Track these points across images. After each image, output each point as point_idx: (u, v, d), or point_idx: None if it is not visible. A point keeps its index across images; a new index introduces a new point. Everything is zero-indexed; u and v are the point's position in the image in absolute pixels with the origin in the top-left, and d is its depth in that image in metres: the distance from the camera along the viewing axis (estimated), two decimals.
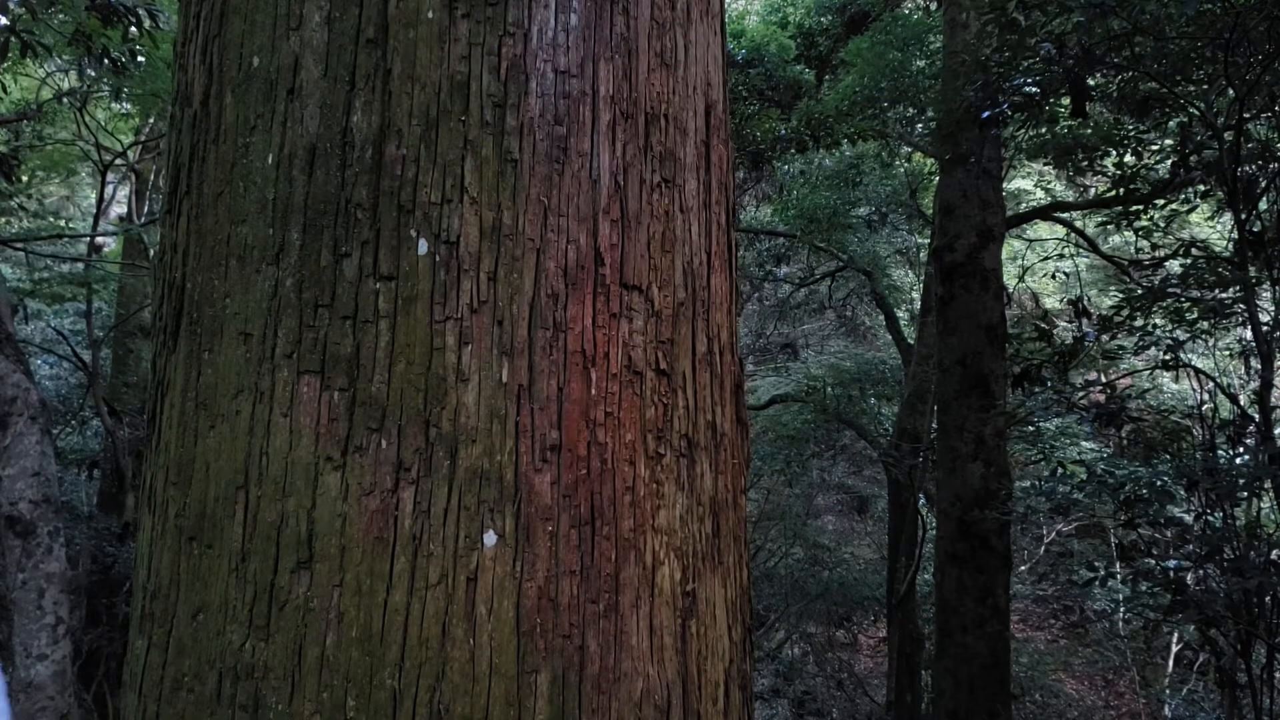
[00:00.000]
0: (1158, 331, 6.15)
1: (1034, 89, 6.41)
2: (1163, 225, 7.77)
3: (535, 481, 2.22)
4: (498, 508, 2.19)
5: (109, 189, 13.19)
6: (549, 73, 2.37)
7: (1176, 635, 11.87)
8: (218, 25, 2.49)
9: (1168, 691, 11.76)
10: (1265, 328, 5.54)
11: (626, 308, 2.40)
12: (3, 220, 13.16)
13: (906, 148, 12.19)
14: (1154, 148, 7.53)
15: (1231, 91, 5.77)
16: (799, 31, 13.10)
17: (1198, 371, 6.55)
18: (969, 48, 7.46)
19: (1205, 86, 6.30)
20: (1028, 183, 14.45)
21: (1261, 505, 5.59)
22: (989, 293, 8.15)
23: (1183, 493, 5.80)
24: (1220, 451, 5.84)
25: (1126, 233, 8.87)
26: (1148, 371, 10.64)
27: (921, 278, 12.85)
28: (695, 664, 2.41)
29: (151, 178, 12.97)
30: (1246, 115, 5.74)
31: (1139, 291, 6.24)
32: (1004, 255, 10.46)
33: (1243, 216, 5.64)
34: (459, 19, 2.34)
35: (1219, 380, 6.94)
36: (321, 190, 2.28)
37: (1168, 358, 6.02)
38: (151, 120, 12.09)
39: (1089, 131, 7.75)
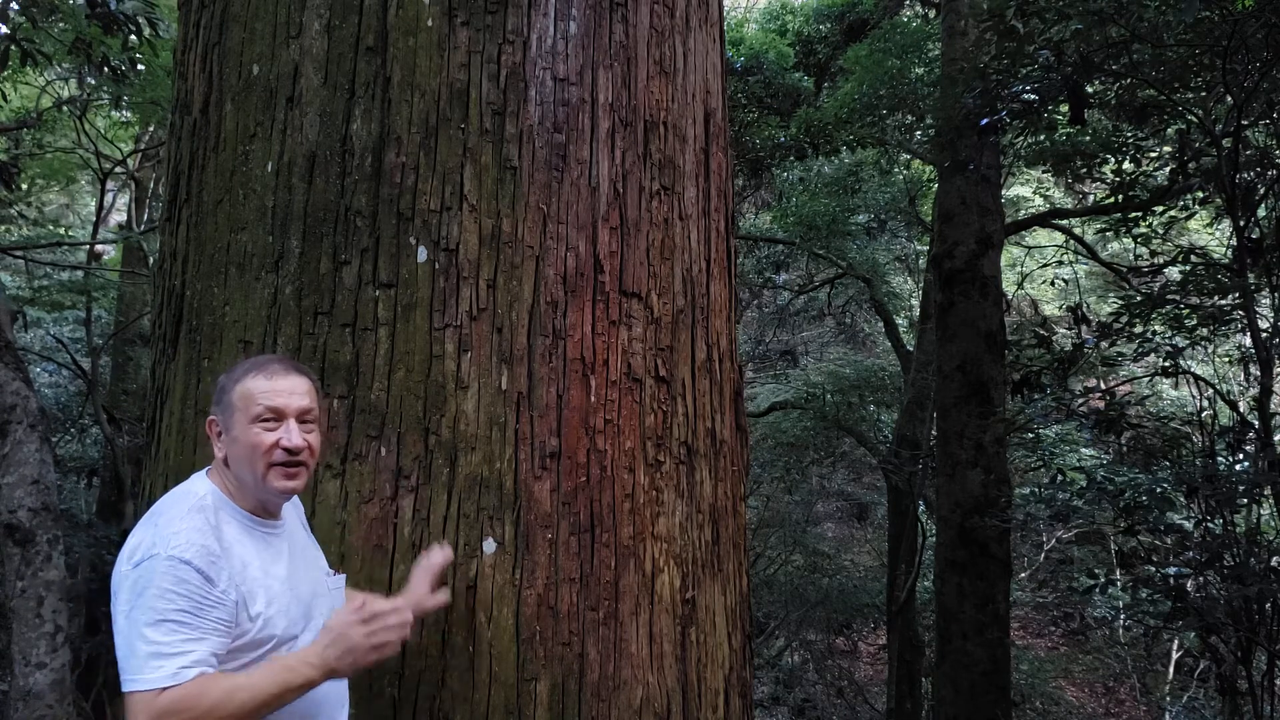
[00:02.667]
0: (1157, 338, 6.15)
1: (1032, 96, 6.42)
2: (1161, 232, 7.77)
3: (535, 489, 2.22)
4: (497, 515, 2.19)
5: (109, 196, 13.20)
6: (548, 80, 2.38)
7: (1177, 642, 11.86)
8: (217, 33, 2.49)
9: (1168, 699, 11.75)
10: (1264, 334, 5.54)
11: (626, 315, 2.40)
12: (2, 228, 13.17)
13: (905, 155, 12.21)
14: (1152, 155, 7.54)
15: (1230, 98, 5.78)
16: (798, 39, 13.13)
17: (1197, 378, 6.54)
18: (967, 55, 7.48)
19: (1203, 94, 6.31)
20: (1026, 189, 14.47)
21: (1261, 512, 5.58)
22: (988, 299, 8.15)
23: (1183, 499, 5.79)
24: (1220, 458, 5.84)
25: (1125, 239, 8.88)
26: (1147, 378, 10.65)
27: (921, 284, 12.86)
28: (695, 671, 2.41)
29: (151, 185, 12.98)
30: (1245, 122, 5.75)
31: (1138, 298, 6.24)
32: (1003, 262, 10.48)
33: (1241, 223, 5.65)
34: (458, 27, 2.34)
35: (1218, 387, 6.94)
36: (321, 198, 2.29)
37: (1167, 364, 6.02)
38: (151, 128, 12.11)
39: (1088, 138, 7.77)
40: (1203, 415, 6.37)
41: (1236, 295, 5.70)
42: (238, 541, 1.79)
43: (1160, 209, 7.68)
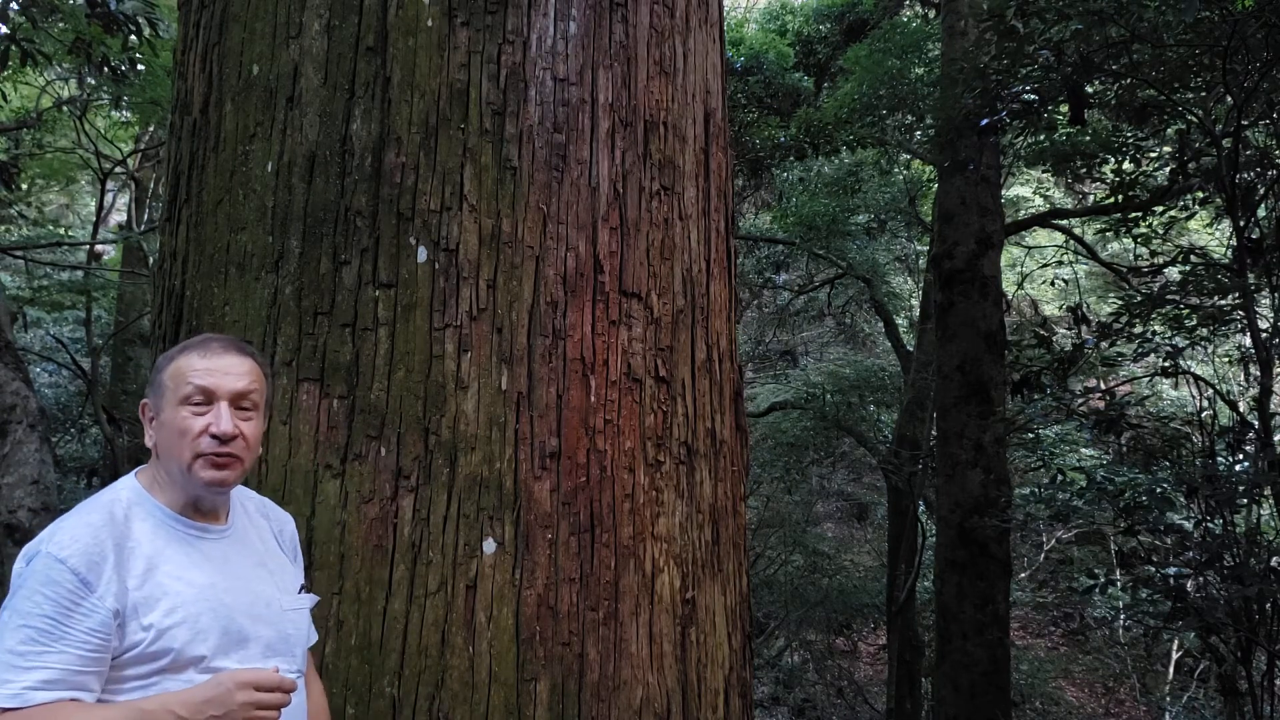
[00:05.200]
0: (1157, 338, 6.15)
1: (1032, 96, 6.42)
2: (1161, 232, 7.77)
3: (535, 489, 2.22)
4: (497, 515, 2.19)
5: (108, 197, 13.21)
6: (548, 80, 2.38)
7: (1177, 642, 11.86)
8: (217, 33, 2.49)
9: (1168, 699, 11.73)
10: (1264, 334, 5.54)
11: (626, 315, 2.40)
12: (2, 228, 13.17)
13: (905, 155, 12.20)
14: (1152, 155, 7.53)
15: (1229, 98, 5.78)
16: (798, 39, 13.13)
17: (1197, 378, 6.54)
18: (967, 55, 7.47)
19: (1203, 94, 6.31)
20: (1026, 190, 14.46)
21: (1261, 512, 5.58)
22: (988, 300, 8.15)
23: (1182, 500, 5.79)
24: (1220, 458, 5.83)
25: (1125, 239, 8.88)
26: (1147, 378, 10.64)
27: (920, 285, 12.85)
28: (695, 671, 2.41)
29: (151, 185, 12.98)
30: (1245, 122, 5.75)
31: (1138, 298, 6.24)
32: (1003, 262, 10.48)
33: (1241, 223, 5.65)
34: (458, 27, 2.34)
35: (1218, 387, 6.94)
36: (321, 198, 2.29)
37: (1167, 364, 6.01)
38: (151, 128, 12.11)
39: (1087, 138, 7.76)
40: (1203, 415, 6.37)
41: (1236, 295, 5.70)
42: (149, 541, 1.60)
43: (1160, 209, 7.68)
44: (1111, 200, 8.60)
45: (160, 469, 1.67)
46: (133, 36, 6.88)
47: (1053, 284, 13.63)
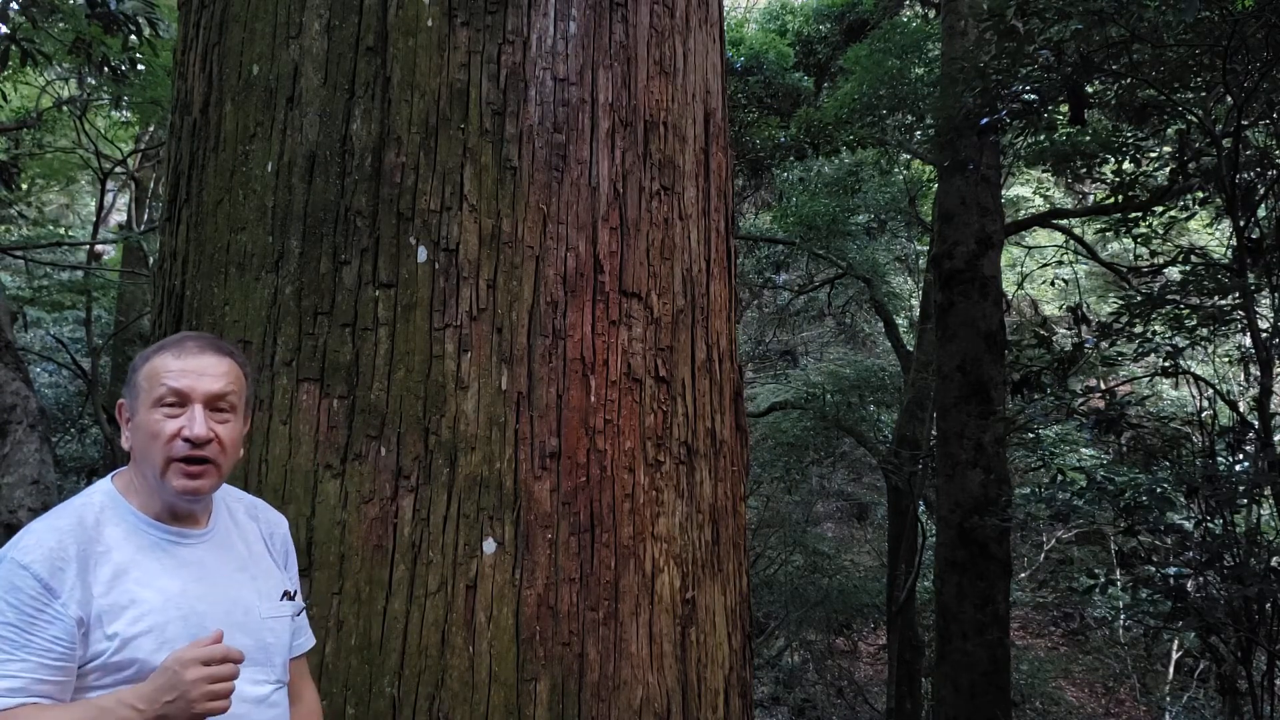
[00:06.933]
0: (1157, 338, 6.15)
1: (1032, 96, 6.42)
2: (1161, 232, 7.78)
3: (534, 489, 2.22)
4: (497, 515, 2.19)
5: (109, 196, 13.21)
6: (548, 80, 2.38)
7: (1177, 642, 11.86)
8: (217, 33, 2.49)
9: (1168, 699, 11.74)
10: (1264, 334, 5.54)
11: (626, 315, 2.40)
12: (2, 228, 13.17)
13: (905, 155, 12.19)
14: (1152, 155, 7.54)
15: (1230, 98, 5.79)
16: (798, 39, 13.13)
17: (1197, 378, 6.54)
18: (968, 55, 7.48)
19: (1203, 94, 6.31)
20: (1026, 189, 14.45)
21: (1261, 512, 5.58)
22: (988, 300, 8.15)
23: (1183, 499, 5.79)
24: (1220, 458, 5.83)
25: (1125, 239, 8.89)
26: (1147, 378, 10.65)
27: (920, 285, 12.85)
28: (695, 671, 2.41)
29: (151, 185, 12.98)
30: (1245, 122, 5.75)
31: (1138, 298, 6.24)
32: (1003, 262, 10.48)
33: (1241, 223, 5.65)
34: (458, 27, 2.34)
35: (1218, 387, 6.95)
36: (321, 198, 2.29)
37: (1167, 364, 6.02)
38: (151, 128, 12.11)
39: (1087, 138, 7.76)
40: (1203, 415, 6.37)
41: (1236, 295, 5.70)
42: (120, 546, 1.55)
43: (1160, 209, 7.68)
44: (1111, 200, 8.61)
45: (136, 472, 1.63)
46: (133, 36, 6.87)
47: (1053, 284, 13.63)
